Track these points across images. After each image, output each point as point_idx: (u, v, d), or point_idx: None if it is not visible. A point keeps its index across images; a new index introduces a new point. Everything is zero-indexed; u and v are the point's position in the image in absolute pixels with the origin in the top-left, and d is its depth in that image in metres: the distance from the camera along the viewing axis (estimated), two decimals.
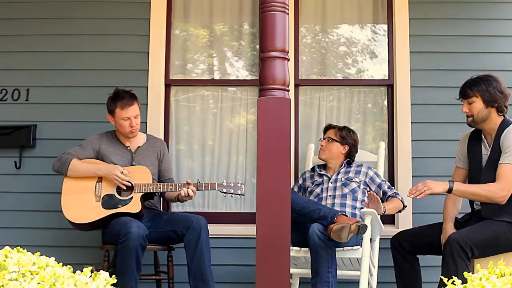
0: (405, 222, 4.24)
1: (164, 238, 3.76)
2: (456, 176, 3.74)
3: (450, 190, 3.44)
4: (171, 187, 3.69)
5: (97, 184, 3.76)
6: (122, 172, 3.69)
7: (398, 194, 3.94)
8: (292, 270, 3.80)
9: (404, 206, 3.96)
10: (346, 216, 3.50)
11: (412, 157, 4.35)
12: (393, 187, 3.99)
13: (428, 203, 4.21)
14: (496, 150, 3.46)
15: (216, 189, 3.69)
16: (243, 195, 3.74)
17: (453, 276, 1.87)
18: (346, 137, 4.00)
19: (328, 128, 4.07)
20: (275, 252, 2.67)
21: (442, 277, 1.89)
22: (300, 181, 4.09)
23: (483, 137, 3.59)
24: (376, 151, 4.22)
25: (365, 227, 3.45)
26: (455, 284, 1.81)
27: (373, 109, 4.58)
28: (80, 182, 3.75)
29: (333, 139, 3.98)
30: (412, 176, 4.34)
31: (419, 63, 4.42)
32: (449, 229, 3.52)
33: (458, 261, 3.08)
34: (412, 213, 4.29)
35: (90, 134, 4.00)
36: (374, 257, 3.86)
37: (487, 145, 3.54)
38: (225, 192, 3.68)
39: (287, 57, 2.80)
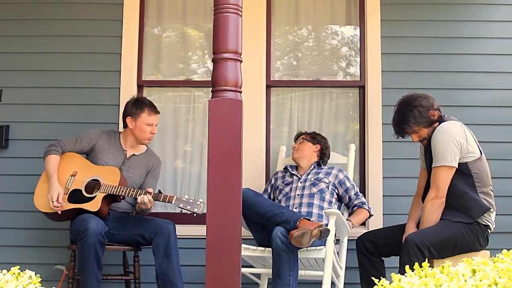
0: (375, 223, 4.25)
1: (131, 241, 3.79)
2: (421, 179, 3.76)
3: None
4: (132, 192, 3.71)
5: (70, 177, 3.81)
6: (58, 199, 3.68)
7: (364, 204, 3.97)
8: (260, 270, 3.83)
9: (371, 215, 3.99)
10: (309, 220, 3.50)
11: (383, 158, 4.36)
12: (361, 195, 4.00)
13: (398, 205, 4.23)
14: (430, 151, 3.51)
15: (173, 203, 3.69)
16: (198, 213, 3.67)
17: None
18: (316, 137, 4.10)
19: (299, 134, 4.17)
20: (225, 253, 2.67)
21: (381, 278, 1.89)
22: (272, 181, 4.13)
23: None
24: (347, 153, 4.23)
25: (327, 231, 3.46)
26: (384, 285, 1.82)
27: (345, 111, 4.59)
28: (58, 174, 3.80)
29: (304, 139, 4.08)
30: (383, 177, 4.35)
31: (390, 64, 4.43)
32: (411, 228, 3.53)
33: (415, 261, 3.09)
34: (383, 214, 4.30)
35: (64, 135, 4.04)
36: (341, 258, 3.88)
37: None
38: (181, 207, 3.68)
39: (240, 58, 2.81)
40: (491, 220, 3.46)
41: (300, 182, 3.96)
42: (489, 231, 3.47)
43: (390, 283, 1.75)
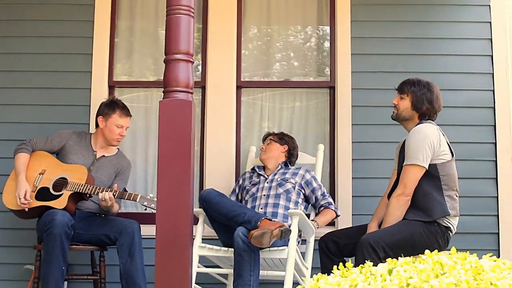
0: (345, 223, 4.25)
1: (96, 241, 3.81)
2: (392, 179, 3.77)
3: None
4: (98, 190, 3.73)
5: (38, 175, 3.84)
6: (25, 197, 3.72)
7: (331, 204, 3.97)
8: (227, 271, 3.83)
9: (337, 215, 3.99)
10: (270, 220, 3.51)
11: (352, 159, 4.37)
12: (327, 195, 4.00)
13: (367, 205, 4.23)
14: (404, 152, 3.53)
15: (138, 201, 3.70)
16: None
17: None
18: (284, 137, 4.11)
19: (267, 135, 4.18)
20: (175, 253, 2.68)
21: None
22: (240, 181, 4.14)
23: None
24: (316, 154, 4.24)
25: (288, 231, 3.46)
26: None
27: (316, 111, 4.60)
28: (27, 172, 3.84)
29: (272, 140, 4.08)
30: (352, 177, 4.36)
31: (360, 65, 4.44)
32: (372, 228, 3.54)
33: (369, 259, 3.09)
34: (352, 214, 4.31)
35: (35, 135, 4.06)
36: (308, 258, 3.89)
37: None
38: (145, 205, 3.69)
39: (192, 59, 2.82)
40: (453, 223, 3.46)
41: (267, 183, 3.97)
42: (450, 233, 3.46)
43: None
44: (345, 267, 1.77)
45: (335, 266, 1.80)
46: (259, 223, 3.46)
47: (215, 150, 4.38)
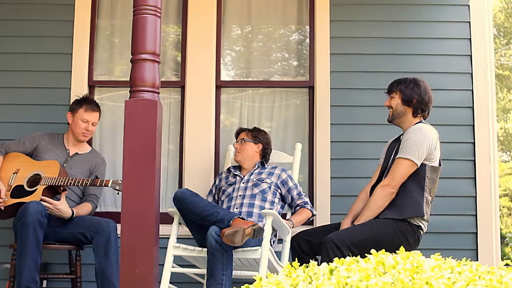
0: (323, 223, 4.24)
1: (72, 240, 3.83)
2: (375, 174, 3.78)
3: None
4: (71, 181, 3.75)
5: (13, 175, 3.88)
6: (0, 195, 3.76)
7: (307, 204, 3.97)
8: (203, 271, 3.83)
9: (313, 215, 4.00)
10: (243, 219, 3.52)
11: (331, 159, 4.37)
12: (303, 194, 4.00)
13: (346, 204, 4.22)
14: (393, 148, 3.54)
15: (109, 185, 3.73)
16: None
17: None
18: (258, 135, 4.07)
19: (239, 131, 4.14)
20: (140, 252, 2.70)
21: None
22: (217, 181, 4.14)
23: (401, 137, 3.64)
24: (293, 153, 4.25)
25: (261, 230, 3.47)
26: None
27: (295, 110, 4.61)
28: (1, 173, 3.89)
29: (246, 140, 4.05)
30: (331, 177, 4.36)
31: (339, 64, 4.45)
32: (345, 224, 3.55)
33: (333, 257, 3.09)
34: (330, 214, 4.32)
35: (15, 135, 4.12)
36: (284, 257, 3.88)
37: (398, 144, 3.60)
38: (117, 190, 3.71)
39: (158, 59, 2.84)
40: (424, 223, 3.46)
41: (242, 183, 3.97)
42: (421, 232, 3.47)
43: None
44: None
45: (288, 264, 1.81)
46: (231, 222, 3.46)
47: (194, 149, 4.39)
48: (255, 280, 3.45)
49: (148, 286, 2.68)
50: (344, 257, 3.10)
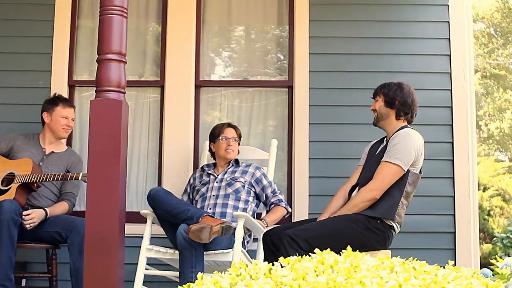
0: None
1: (48, 238, 3.84)
2: (354, 173, 3.77)
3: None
4: (43, 177, 3.76)
5: None
6: None
7: (281, 201, 3.97)
8: (175, 273, 3.83)
9: (288, 212, 3.99)
10: (212, 217, 3.52)
11: (309, 158, 4.38)
12: (278, 192, 4.00)
13: (324, 204, 4.22)
14: (384, 149, 3.53)
15: (80, 178, 3.74)
16: None
17: None
18: (241, 136, 4.12)
19: (227, 126, 4.06)
20: (104, 252, 2.71)
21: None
22: (191, 181, 4.13)
23: (385, 140, 3.65)
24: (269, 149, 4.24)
25: (230, 228, 3.46)
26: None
27: (274, 110, 4.62)
28: None
29: (237, 139, 4.06)
30: (309, 177, 4.37)
31: (318, 64, 4.45)
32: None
33: (291, 252, 3.11)
34: (308, 213, 4.32)
35: None
36: (259, 256, 3.89)
37: (383, 146, 3.60)
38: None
39: (124, 59, 2.85)
40: (397, 225, 3.46)
41: (216, 182, 3.96)
42: (393, 232, 3.47)
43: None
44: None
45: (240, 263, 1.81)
46: (200, 219, 3.46)
47: (173, 149, 4.40)
48: None
49: (112, 286, 2.69)
50: (300, 248, 3.13)
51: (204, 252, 3.51)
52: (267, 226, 3.83)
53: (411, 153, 3.42)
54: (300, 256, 1.85)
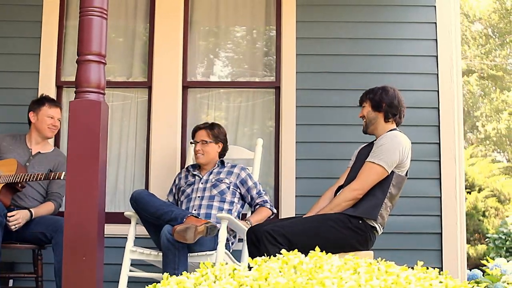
0: None
1: (33, 239, 3.85)
2: (343, 175, 3.77)
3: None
4: (27, 177, 3.77)
5: None
6: None
7: (266, 202, 3.96)
8: (159, 275, 3.84)
9: (273, 213, 3.99)
10: (196, 217, 3.53)
11: (296, 159, 4.39)
12: (263, 193, 3.99)
13: (311, 205, 4.23)
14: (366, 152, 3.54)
15: (62, 178, 3.73)
16: None
17: None
18: (219, 135, 4.01)
19: (197, 129, 4.05)
20: (82, 254, 2.72)
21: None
22: (176, 181, 4.12)
23: (374, 142, 3.66)
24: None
25: (214, 228, 3.47)
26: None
27: (261, 111, 4.63)
28: None
29: (208, 141, 3.99)
30: (296, 177, 4.37)
31: (305, 65, 4.46)
32: None
33: (270, 247, 3.11)
34: (295, 214, 4.32)
35: None
36: (244, 256, 3.89)
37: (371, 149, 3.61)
38: None
39: (104, 61, 2.87)
40: (380, 227, 3.46)
41: (201, 184, 3.95)
42: (376, 233, 3.47)
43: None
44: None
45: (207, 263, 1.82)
46: (185, 219, 3.47)
47: (160, 150, 4.41)
48: None
49: (91, 286, 2.70)
50: (279, 243, 3.13)
51: (188, 254, 3.52)
52: (251, 226, 3.82)
53: (395, 154, 3.42)
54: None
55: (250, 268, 1.77)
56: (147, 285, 3.79)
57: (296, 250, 1.90)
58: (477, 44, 15.96)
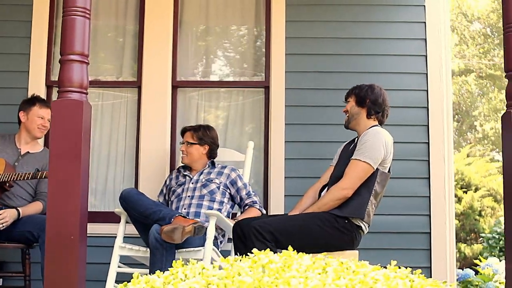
0: None
1: (21, 238, 3.86)
2: (325, 173, 3.78)
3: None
4: (14, 176, 3.78)
5: None
6: None
7: (256, 203, 3.98)
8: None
9: (262, 214, 4.01)
10: (184, 217, 3.54)
11: (285, 158, 4.39)
12: (253, 194, 4.01)
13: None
14: (354, 148, 3.54)
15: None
16: None
17: None
18: (204, 137, 4.04)
19: (184, 131, 4.11)
20: (64, 252, 2.72)
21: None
22: (167, 182, 4.15)
23: (356, 139, 3.66)
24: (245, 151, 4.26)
25: (202, 228, 3.49)
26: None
27: (251, 111, 4.63)
28: None
29: (191, 143, 4.03)
30: (285, 177, 4.38)
31: (294, 65, 4.47)
32: None
33: (257, 243, 3.12)
34: (284, 213, 4.33)
35: None
36: (232, 255, 3.91)
37: (354, 145, 3.62)
38: None
39: (86, 60, 2.86)
40: (365, 225, 3.46)
41: (192, 183, 3.98)
42: (362, 233, 3.47)
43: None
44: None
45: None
46: (172, 219, 3.49)
47: (150, 149, 4.42)
48: None
49: (72, 285, 2.70)
50: (266, 239, 3.14)
51: (176, 250, 3.54)
52: None
53: (380, 150, 3.43)
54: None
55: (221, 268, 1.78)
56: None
57: (268, 249, 1.91)
58: (475, 43, 15.95)
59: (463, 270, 5.80)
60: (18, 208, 3.85)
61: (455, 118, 15.85)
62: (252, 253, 1.82)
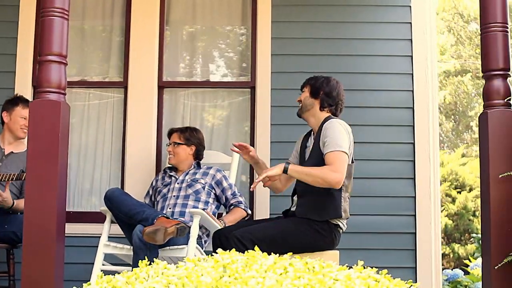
0: None
1: (5, 238, 3.88)
2: None
3: (285, 170, 3.40)
4: None
5: None
6: None
7: (241, 203, 4.00)
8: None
9: (248, 214, 4.01)
10: (167, 218, 3.55)
11: (271, 159, 4.39)
12: (238, 194, 4.02)
13: (285, 205, 4.24)
14: (317, 143, 3.49)
15: None
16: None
17: None
18: (191, 138, 4.08)
19: (171, 132, 4.15)
20: (41, 252, 2.74)
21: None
22: (154, 183, 4.18)
23: (311, 133, 3.66)
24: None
25: (185, 228, 3.50)
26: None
27: (237, 111, 4.64)
28: None
29: (178, 143, 4.06)
30: None
31: (280, 65, 4.47)
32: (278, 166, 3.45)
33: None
34: (269, 214, 4.33)
35: None
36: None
37: (312, 139, 3.61)
38: None
39: (64, 61, 2.88)
40: (343, 222, 3.46)
41: (177, 183, 4.00)
42: (340, 230, 3.46)
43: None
44: None
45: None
46: (155, 220, 3.50)
47: (136, 150, 4.43)
48: None
49: (49, 284, 2.71)
50: (247, 249, 3.12)
51: (159, 249, 3.55)
52: (225, 226, 3.83)
53: (346, 139, 3.37)
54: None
55: None
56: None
57: (233, 250, 1.92)
58: (472, 44, 15.94)
59: (452, 270, 5.80)
60: (14, 200, 3.86)
61: (451, 118, 15.85)
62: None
